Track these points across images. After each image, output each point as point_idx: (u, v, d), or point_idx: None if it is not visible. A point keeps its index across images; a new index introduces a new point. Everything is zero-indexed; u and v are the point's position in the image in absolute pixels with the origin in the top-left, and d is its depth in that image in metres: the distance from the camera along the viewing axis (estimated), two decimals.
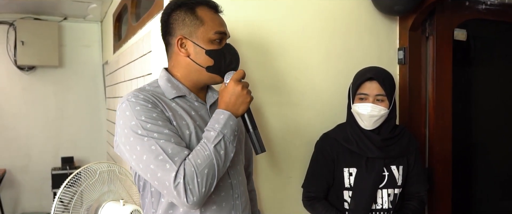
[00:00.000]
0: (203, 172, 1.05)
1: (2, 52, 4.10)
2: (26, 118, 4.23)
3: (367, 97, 1.60)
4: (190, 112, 1.20)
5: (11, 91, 4.18)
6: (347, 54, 1.94)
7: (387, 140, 1.64)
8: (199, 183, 1.04)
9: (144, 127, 1.07)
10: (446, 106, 2.07)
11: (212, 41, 1.20)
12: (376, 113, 1.58)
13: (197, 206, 1.06)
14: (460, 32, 2.12)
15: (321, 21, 1.87)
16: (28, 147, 4.25)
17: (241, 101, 1.15)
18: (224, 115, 1.13)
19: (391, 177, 1.66)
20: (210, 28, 1.20)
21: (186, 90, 1.23)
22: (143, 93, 1.14)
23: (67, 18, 4.25)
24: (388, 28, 2.03)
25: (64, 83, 4.35)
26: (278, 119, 1.80)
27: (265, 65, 1.77)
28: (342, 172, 1.66)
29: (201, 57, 1.20)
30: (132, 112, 1.09)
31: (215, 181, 1.08)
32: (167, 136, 1.08)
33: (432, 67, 2.04)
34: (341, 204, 1.67)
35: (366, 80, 1.60)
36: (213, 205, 1.18)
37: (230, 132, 1.12)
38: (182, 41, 1.20)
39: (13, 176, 4.21)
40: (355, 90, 1.62)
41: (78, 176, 1.72)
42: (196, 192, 1.04)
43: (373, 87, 1.59)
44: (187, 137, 1.14)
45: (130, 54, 2.55)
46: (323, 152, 1.70)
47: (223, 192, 1.20)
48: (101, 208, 1.75)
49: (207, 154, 1.07)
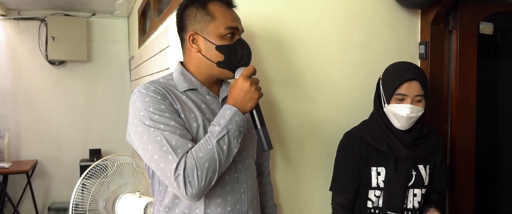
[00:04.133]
0: (204, 166, 1.06)
1: (34, 48, 4.26)
2: (56, 111, 4.39)
3: (406, 98, 1.53)
4: (200, 105, 1.21)
5: (43, 85, 4.34)
6: (365, 49, 1.90)
7: (416, 139, 1.60)
8: (198, 176, 1.06)
9: (151, 117, 1.10)
10: (470, 102, 2.00)
11: (223, 36, 1.20)
12: (414, 114, 1.53)
13: (196, 198, 1.09)
14: (486, 26, 2.03)
15: (339, 14, 1.84)
16: (59, 139, 4.41)
17: (249, 98, 1.15)
18: (231, 111, 1.13)
19: (419, 177, 1.62)
20: (221, 24, 1.20)
21: (198, 84, 1.24)
22: (154, 85, 1.17)
23: (95, 14, 4.38)
24: (409, 22, 1.98)
25: (93, 77, 4.48)
26: (294, 114, 1.79)
27: (280, 59, 1.76)
28: (369, 171, 1.61)
29: (212, 53, 1.20)
30: (142, 102, 1.13)
31: (216, 175, 1.09)
32: (173, 128, 1.10)
33: (455, 62, 1.97)
34: (364, 202, 1.64)
35: (406, 81, 1.53)
36: (218, 197, 1.19)
37: (235, 128, 1.12)
38: (194, 37, 1.22)
39: (44, 167, 4.38)
40: (393, 90, 1.54)
41: (96, 168, 1.77)
42: (195, 184, 1.06)
43: (413, 88, 1.52)
44: (195, 129, 1.16)
45: (152, 49, 2.59)
46: (351, 151, 1.63)
47: (229, 185, 1.21)
48: (118, 200, 1.80)
49: (209, 148, 1.08)
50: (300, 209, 1.83)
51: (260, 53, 1.71)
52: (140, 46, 3.36)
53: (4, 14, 4.08)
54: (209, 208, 1.19)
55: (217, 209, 1.19)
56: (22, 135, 4.29)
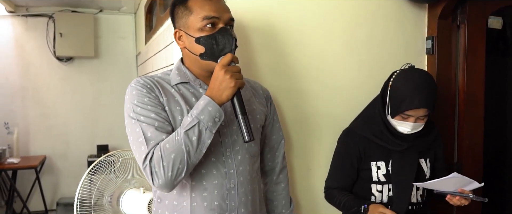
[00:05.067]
0: (169, 157, 1.07)
1: (43, 44, 4.29)
2: (64, 107, 4.42)
3: (410, 117, 1.53)
4: (189, 98, 1.22)
5: (51, 81, 4.37)
6: (371, 44, 1.87)
7: (417, 137, 1.61)
8: (164, 166, 1.07)
9: (134, 110, 1.15)
10: (478, 98, 1.97)
11: (202, 28, 1.18)
12: (415, 130, 1.56)
13: (165, 189, 1.10)
14: (495, 20, 2.00)
15: (343, 8, 1.81)
16: (67, 135, 4.44)
17: (224, 87, 1.10)
18: (204, 101, 1.11)
19: (420, 170, 1.63)
20: (198, 15, 1.18)
21: (191, 77, 1.25)
22: (144, 79, 1.20)
23: (102, 10, 4.39)
24: (416, 17, 1.95)
25: (100, 74, 4.50)
26: (298, 109, 1.77)
27: (285, 55, 1.74)
28: (369, 166, 1.63)
29: (193, 46, 1.20)
30: (130, 95, 1.18)
31: (185, 167, 1.09)
32: (152, 120, 1.13)
33: (463, 57, 1.94)
34: (368, 198, 1.64)
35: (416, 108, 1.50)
36: (204, 191, 1.20)
37: (208, 118, 1.09)
38: (179, 34, 1.24)
39: (53, 162, 4.42)
40: (399, 111, 1.52)
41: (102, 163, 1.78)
42: (161, 175, 1.08)
43: (420, 112, 1.51)
44: (179, 122, 1.17)
45: (157, 45, 2.59)
46: (347, 148, 1.66)
47: (215, 180, 1.21)
48: (122, 195, 1.80)
49: (177, 139, 1.08)
50: (304, 206, 1.82)
51: (263, 48, 1.70)
52: (147, 42, 3.36)
53: (13, 10, 4.11)
54: (195, 201, 1.20)
55: (204, 203, 1.20)
56: (30, 130, 4.33)
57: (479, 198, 1.49)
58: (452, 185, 1.49)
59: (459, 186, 1.49)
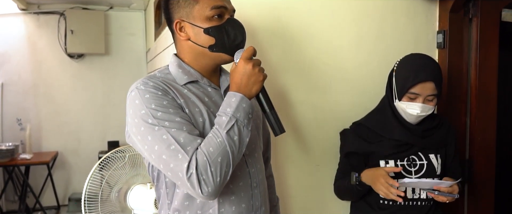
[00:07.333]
0: (216, 161, 0.98)
1: (54, 41, 4.34)
2: (75, 104, 4.47)
3: (418, 97, 1.50)
4: (203, 98, 1.14)
5: (63, 78, 4.42)
6: (381, 38, 1.84)
7: (427, 130, 1.58)
8: (213, 172, 0.98)
9: (154, 115, 1.02)
10: (490, 93, 1.92)
11: (210, 18, 1.10)
12: (425, 113, 1.51)
13: (213, 196, 1.01)
14: (509, 13, 1.96)
15: (352, 2, 1.78)
16: (78, 131, 4.49)
17: (253, 81, 1.06)
18: (236, 98, 1.04)
19: (430, 166, 1.59)
20: (206, 5, 1.10)
21: (198, 75, 1.16)
22: (153, 80, 1.09)
23: (112, 7, 4.42)
24: (427, 10, 1.91)
25: (111, 70, 4.53)
26: (306, 105, 1.75)
27: (292, 50, 1.72)
28: (378, 163, 1.60)
29: (201, 38, 1.11)
30: (142, 100, 1.04)
31: (230, 170, 1.01)
32: (179, 124, 1.02)
33: (475, 51, 1.90)
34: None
35: (421, 82, 1.48)
36: (232, 195, 1.13)
37: (244, 115, 1.03)
38: (181, 25, 1.13)
39: (64, 158, 4.47)
40: (406, 89, 1.50)
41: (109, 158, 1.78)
42: (210, 182, 0.98)
43: (427, 88, 1.48)
44: (201, 124, 1.09)
45: (165, 41, 2.59)
46: (354, 143, 1.63)
47: (241, 181, 1.15)
48: (130, 191, 1.81)
49: (220, 141, 1.00)
50: (312, 201, 1.80)
51: (271, 43, 1.68)
52: (156, 39, 3.37)
53: (25, 8, 4.15)
54: (223, 207, 1.12)
55: (232, 207, 1.13)
56: (42, 127, 4.38)
57: (448, 194, 1.44)
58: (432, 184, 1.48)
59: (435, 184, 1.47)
